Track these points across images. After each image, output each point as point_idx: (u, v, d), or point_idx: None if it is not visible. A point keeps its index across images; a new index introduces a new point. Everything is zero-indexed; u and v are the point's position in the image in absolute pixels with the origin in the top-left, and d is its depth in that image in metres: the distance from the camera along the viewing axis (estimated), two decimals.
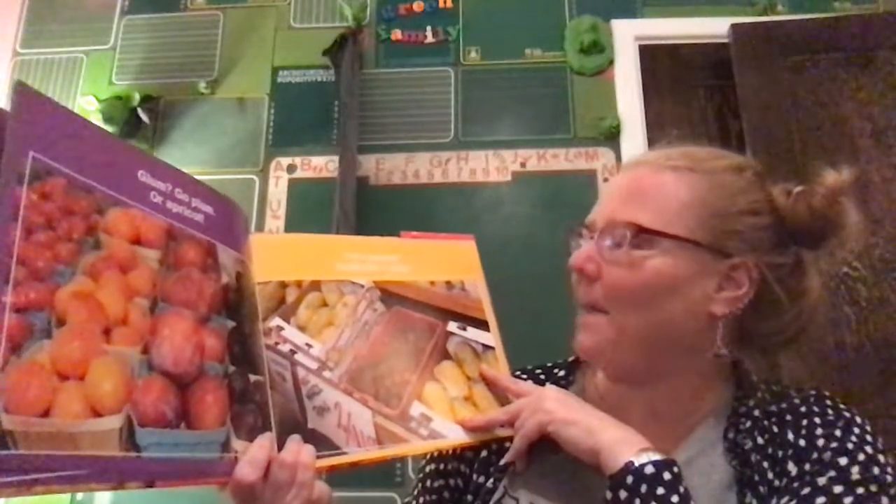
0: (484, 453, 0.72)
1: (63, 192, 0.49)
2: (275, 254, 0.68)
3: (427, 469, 0.76)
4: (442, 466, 0.74)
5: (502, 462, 0.68)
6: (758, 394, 0.67)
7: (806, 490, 0.58)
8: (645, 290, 0.63)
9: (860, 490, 0.57)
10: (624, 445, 0.59)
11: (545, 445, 0.64)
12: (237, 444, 0.54)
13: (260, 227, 2.02)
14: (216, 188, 0.63)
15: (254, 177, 2.08)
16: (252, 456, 0.54)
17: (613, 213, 0.66)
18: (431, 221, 1.98)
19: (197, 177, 0.61)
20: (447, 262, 0.79)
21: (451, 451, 0.74)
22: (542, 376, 0.78)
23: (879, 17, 2.04)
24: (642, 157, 0.71)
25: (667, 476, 0.56)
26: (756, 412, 0.65)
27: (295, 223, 2.01)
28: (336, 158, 2.01)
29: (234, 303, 0.60)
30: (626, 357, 0.65)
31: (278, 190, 2.06)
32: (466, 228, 0.95)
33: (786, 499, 0.58)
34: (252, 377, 0.58)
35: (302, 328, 0.66)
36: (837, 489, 0.57)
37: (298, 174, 2.08)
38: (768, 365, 0.68)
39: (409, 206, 2.01)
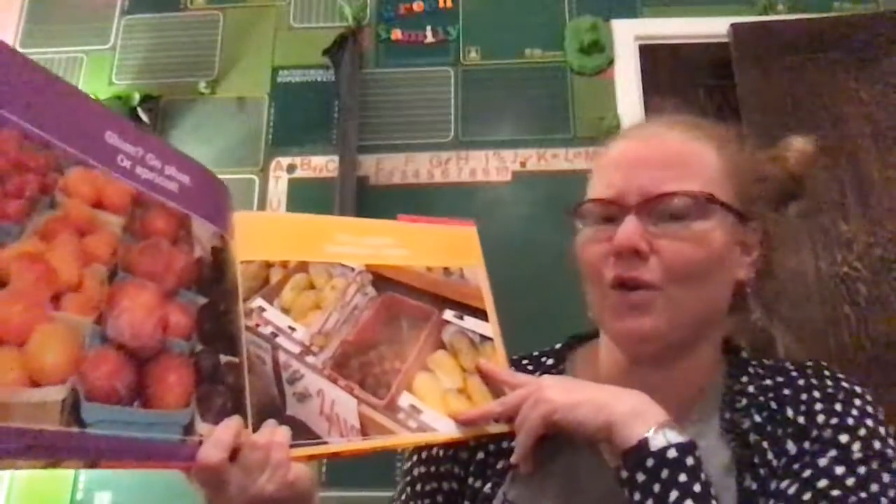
0: (481, 455, 0.68)
1: (15, 146, 0.44)
2: (260, 232, 0.64)
3: (415, 472, 0.72)
4: (434, 469, 0.70)
5: (511, 461, 0.63)
6: (749, 369, 0.64)
7: (807, 472, 0.56)
8: (709, 264, 0.60)
9: (862, 469, 0.55)
10: (638, 419, 0.55)
11: (545, 450, 0.61)
12: (202, 427, 0.50)
13: None
14: None
15: (254, 177, 2.08)
16: (217, 437, 0.50)
17: (659, 183, 0.61)
18: None
19: None
20: (446, 247, 0.74)
21: (443, 453, 0.70)
22: (530, 367, 0.73)
23: (879, 17, 2.03)
24: (650, 125, 0.69)
25: (689, 462, 0.53)
26: (751, 388, 0.62)
27: None
28: (336, 158, 2.01)
29: (209, 278, 0.56)
30: (678, 336, 0.61)
31: (278, 190, 2.06)
32: None
33: (787, 481, 0.56)
34: (224, 357, 0.54)
35: (286, 310, 0.62)
36: (839, 470, 0.55)
37: (298, 174, 2.08)
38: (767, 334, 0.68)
39: (409, 206, 1.97)
